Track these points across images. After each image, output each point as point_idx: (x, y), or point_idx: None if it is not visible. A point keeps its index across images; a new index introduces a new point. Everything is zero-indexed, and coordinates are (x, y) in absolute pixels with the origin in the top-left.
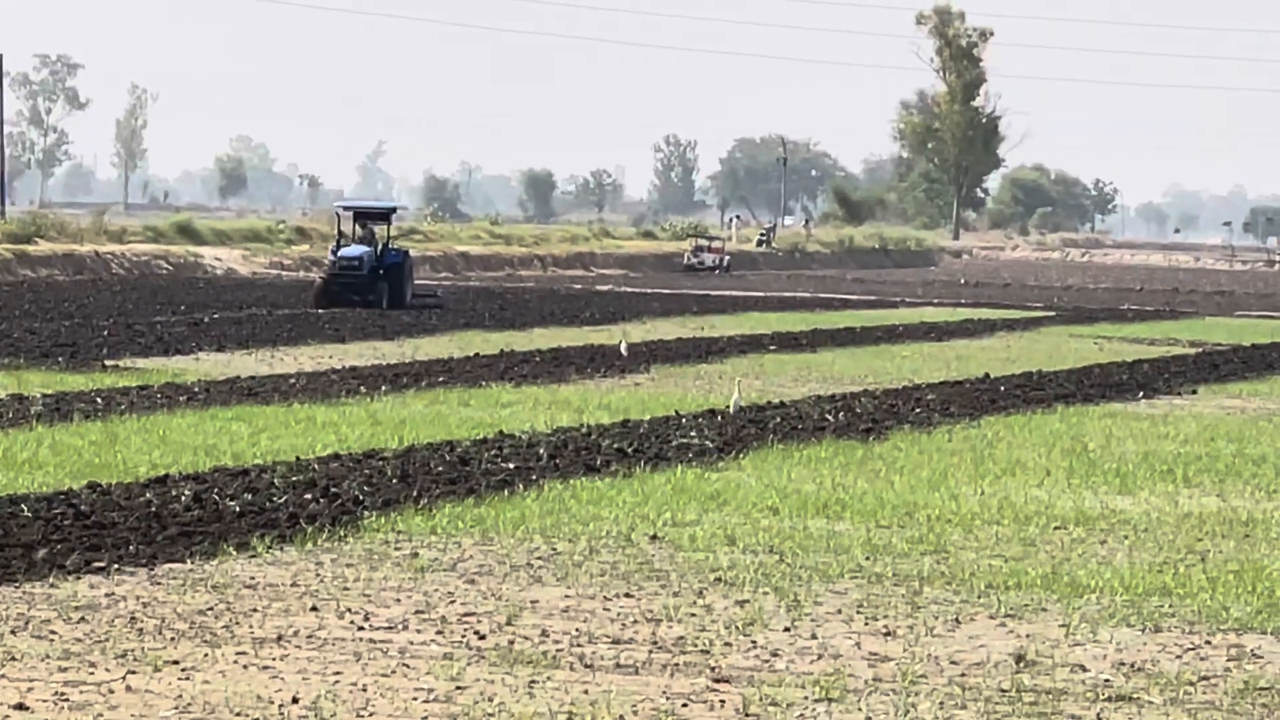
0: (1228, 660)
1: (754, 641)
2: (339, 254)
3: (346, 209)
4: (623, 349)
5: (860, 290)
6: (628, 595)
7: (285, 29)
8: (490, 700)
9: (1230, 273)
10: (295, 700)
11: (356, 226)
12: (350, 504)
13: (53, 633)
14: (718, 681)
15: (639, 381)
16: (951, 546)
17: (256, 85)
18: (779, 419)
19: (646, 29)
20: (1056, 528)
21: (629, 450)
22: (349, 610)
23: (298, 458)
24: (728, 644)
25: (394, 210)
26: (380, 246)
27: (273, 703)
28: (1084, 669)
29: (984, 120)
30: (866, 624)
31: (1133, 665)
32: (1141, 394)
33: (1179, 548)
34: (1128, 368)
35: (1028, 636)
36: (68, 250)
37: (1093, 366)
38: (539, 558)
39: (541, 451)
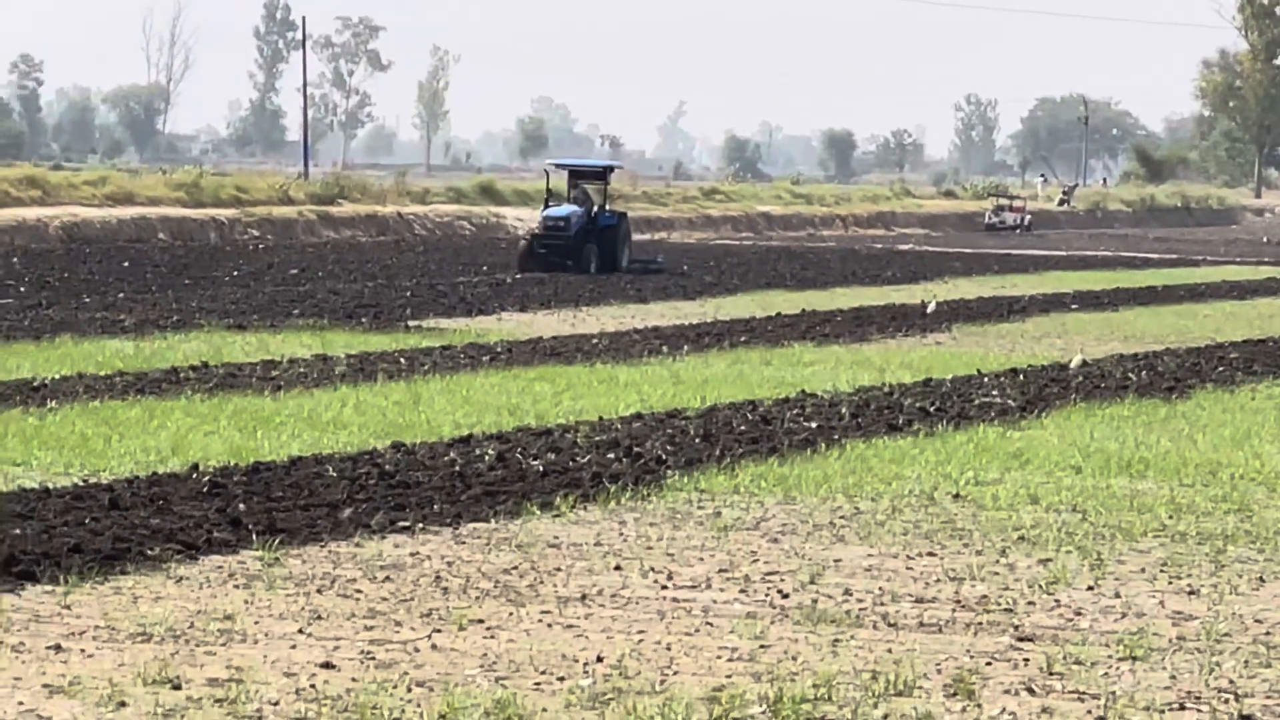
0: None
1: (1057, 600)
2: (545, 214)
3: (560, 166)
4: (929, 308)
5: (1162, 249)
6: (930, 554)
7: None
8: (794, 659)
9: None
10: (600, 659)
11: (570, 185)
12: (653, 463)
13: (358, 592)
14: (1021, 640)
15: (940, 341)
16: (1255, 505)
17: (557, 46)
18: (1081, 378)
19: None
20: None
21: (931, 409)
22: (653, 569)
23: (600, 417)
24: (1031, 603)
25: (611, 169)
26: (595, 207)
27: (577, 661)
28: None
29: None
30: (1170, 583)
31: None
32: None
33: None
34: None
35: None
36: (370, 211)
37: None
38: (841, 517)
39: (844, 410)
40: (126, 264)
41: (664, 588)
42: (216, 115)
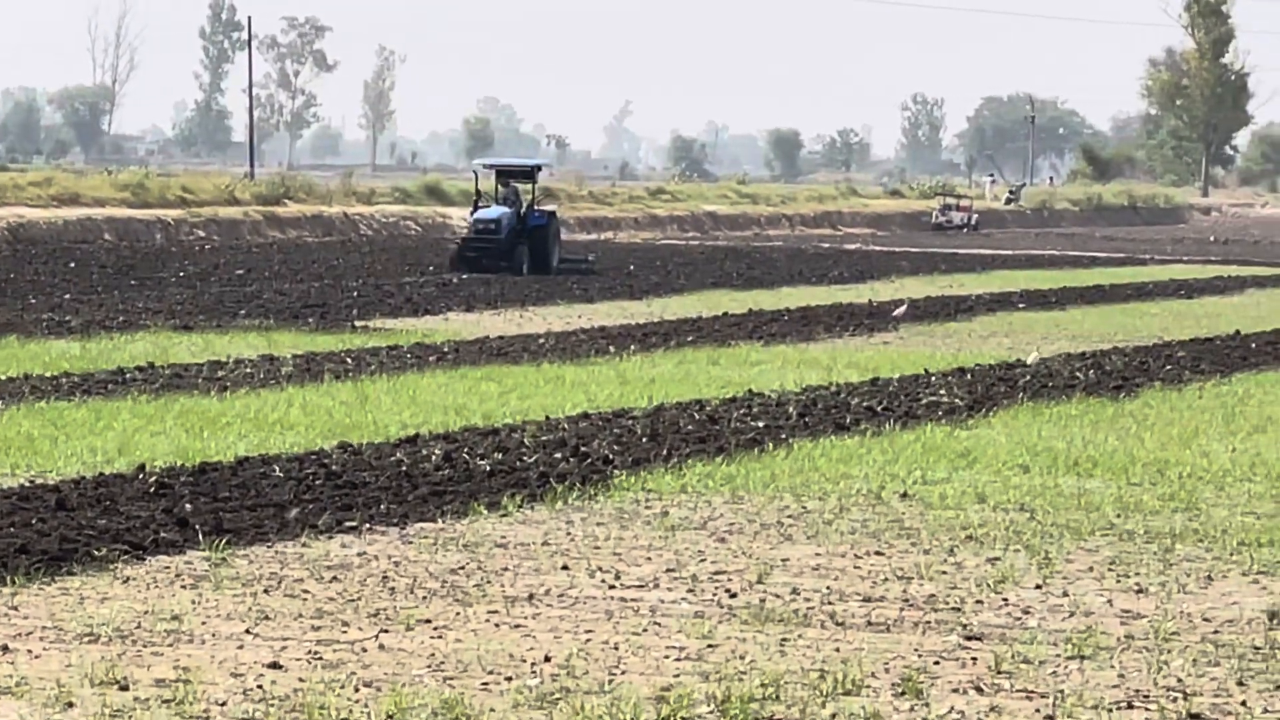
0: None
1: (1005, 599)
2: (475, 216)
3: (488, 166)
4: (899, 310)
5: (1109, 248)
6: (878, 553)
7: None
8: (742, 658)
9: None
10: (547, 659)
11: (499, 185)
12: (600, 463)
13: (305, 592)
14: (969, 639)
15: (888, 340)
16: (1203, 504)
17: (503, 46)
18: (1029, 376)
19: None
20: None
21: (878, 408)
22: (600, 569)
23: (547, 417)
24: (979, 602)
25: (539, 168)
26: (524, 207)
27: (525, 661)
28: None
29: (1233, 77)
30: (1118, 581)
31: None
32: None
33: None
34: None
35: None
36: (316, 211)
37: None
38: (789, 516)
39: (791, 410)
40: (72, 265)
41: (611, 587)
42: (162, 116)
